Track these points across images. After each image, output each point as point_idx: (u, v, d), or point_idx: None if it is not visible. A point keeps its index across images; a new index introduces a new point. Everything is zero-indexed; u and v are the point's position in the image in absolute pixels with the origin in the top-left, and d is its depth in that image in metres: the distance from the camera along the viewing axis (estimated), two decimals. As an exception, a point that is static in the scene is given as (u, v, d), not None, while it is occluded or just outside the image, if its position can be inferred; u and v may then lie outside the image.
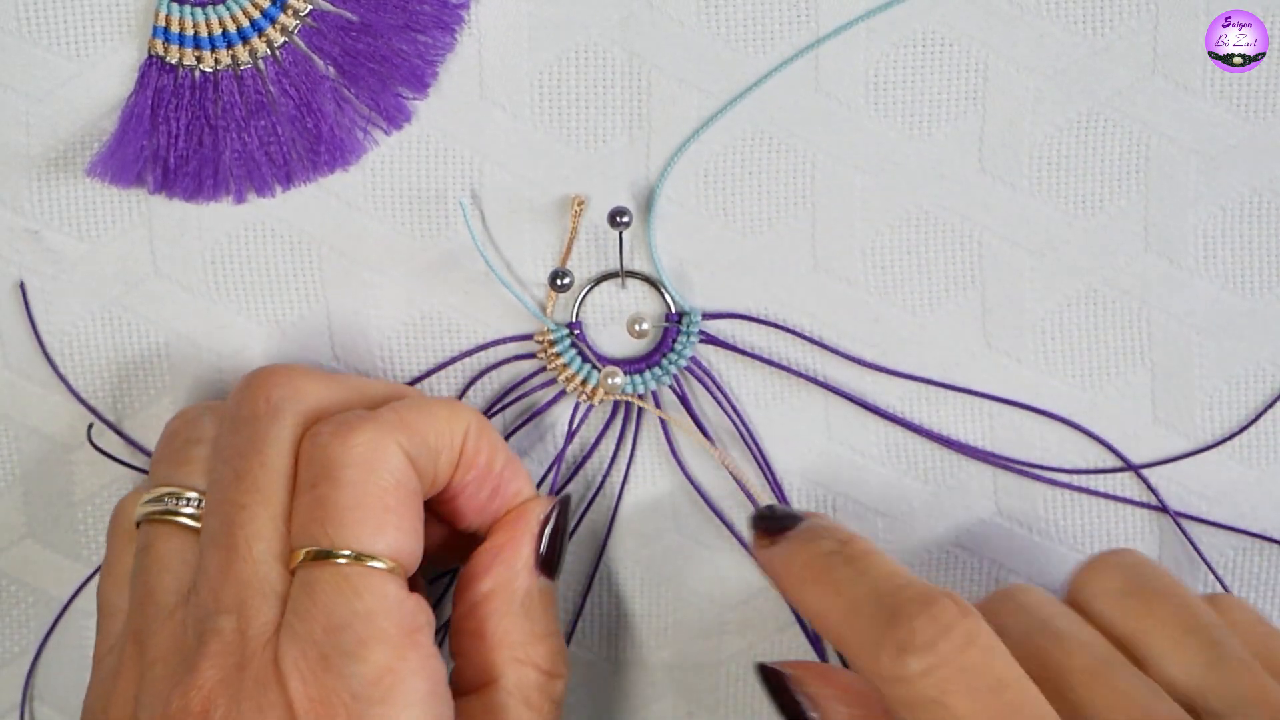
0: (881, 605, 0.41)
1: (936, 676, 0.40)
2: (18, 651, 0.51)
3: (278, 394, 0.44)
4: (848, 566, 0.43)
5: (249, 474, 0.43)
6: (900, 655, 0.40)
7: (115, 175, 0.46)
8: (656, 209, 0.48)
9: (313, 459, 0.43)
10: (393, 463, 0.43)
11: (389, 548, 0.42)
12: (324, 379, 0.45)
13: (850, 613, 0.42)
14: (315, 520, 0.42)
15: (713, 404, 0.49)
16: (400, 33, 0.46)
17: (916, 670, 0.40)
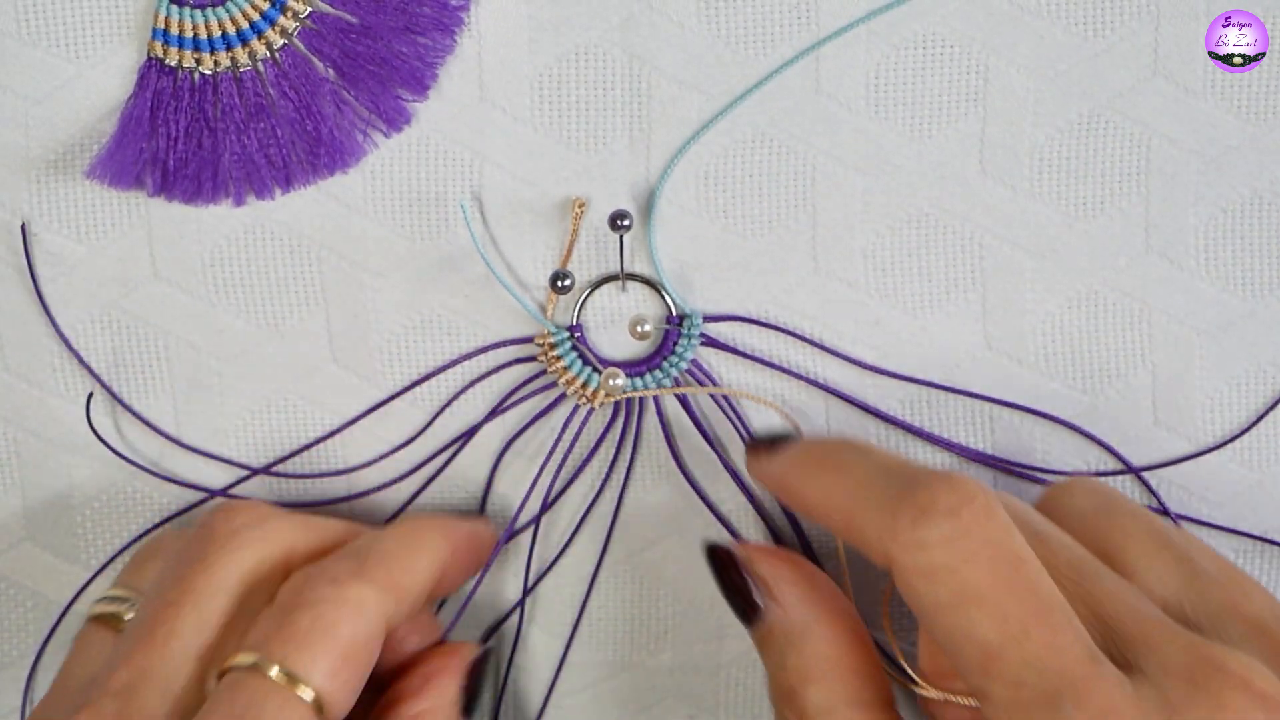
0: (898, 477, 0.41)
1: (958, 545, 0.39)
2: (16, 655, 0.51)
3: (242, 521, 0.45)
4: (856, 452, 0.43)
5: (190, 580, 0.43)
6: (921, 518, 0.39)
7: (114, 177, 0.46)
8: (657, 211, 0.48)
9: (297, 590, 0.43)
10: (372, 623, 0.43)
11: (331, 688, 0.42)
12: (294, 522, 0.45)
13: (862, 486, 0.41)
14: (276, 636, 0.42)
15: (713, 406, 0.49)
16: (400, 35, 0.46)
17: (937, 536, 0.39)
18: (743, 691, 0.52)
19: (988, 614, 0.39)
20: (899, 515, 0.40)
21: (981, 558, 0.39)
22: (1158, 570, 0.42)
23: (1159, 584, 0.42)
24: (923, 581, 0.40)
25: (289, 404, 0.49)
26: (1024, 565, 0.39)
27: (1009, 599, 0.39)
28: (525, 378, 0.49)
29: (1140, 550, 0.43)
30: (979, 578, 0.39)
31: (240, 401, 0.49)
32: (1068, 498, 0.45)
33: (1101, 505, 0.45)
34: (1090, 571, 0.41)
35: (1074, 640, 0.38)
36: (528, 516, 0.50)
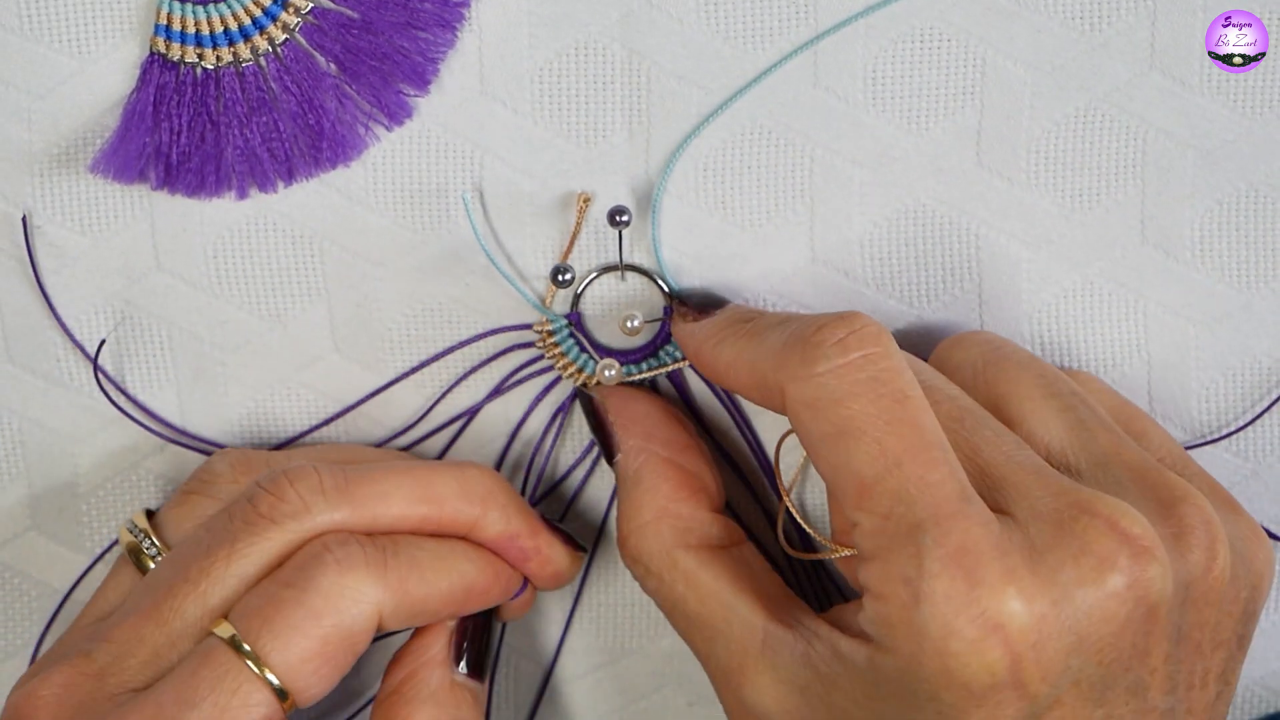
0: (791, 324, 0.42)
1: (844, 377, 0.40)
2: (20, 644, 0.51)
3: (279, 509, 0.44)
4: (770, 318, 0.44)
5: (216, 561, 0.43)
6: (813, 352, 0.40)
7: (118, 172, 0.46)
8: (657, 204, 0.48)
9: (302, 567, 0.43)
10: (361, 621, 0.43)
11: (299, 678, 0.42)
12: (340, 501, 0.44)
13: (767, 347, 0.42)
14: (259, 613, 0.42)
15: (709, 394, 0.50)
16: (401, 30, 0.46)
17: (825, 367, 0.40)
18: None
19: (865, 445, 0.39)
20: (792, 352, 0.41)
21: (865, 390, 0.40)
22: (1043, 417, 0.43)
23: (1044, 431, 0.43)
24: (808, 413, 0.40)
25: (292, 393, 0.50)
26: (908, 401, 0.40)
27: (887, 432, 0.39)
28: (524, 362, 0.49)
29: (1027, 398, 0.44)
30: (860, 409, 0.40)
31: (244, 391, 0.49)
32: (959, 350, 0.46)
33: (991, 356, 0.45)
34: (971, 421, 0.42)
35: (947, 477, 0.39)
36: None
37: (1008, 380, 0.44)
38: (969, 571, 0.38)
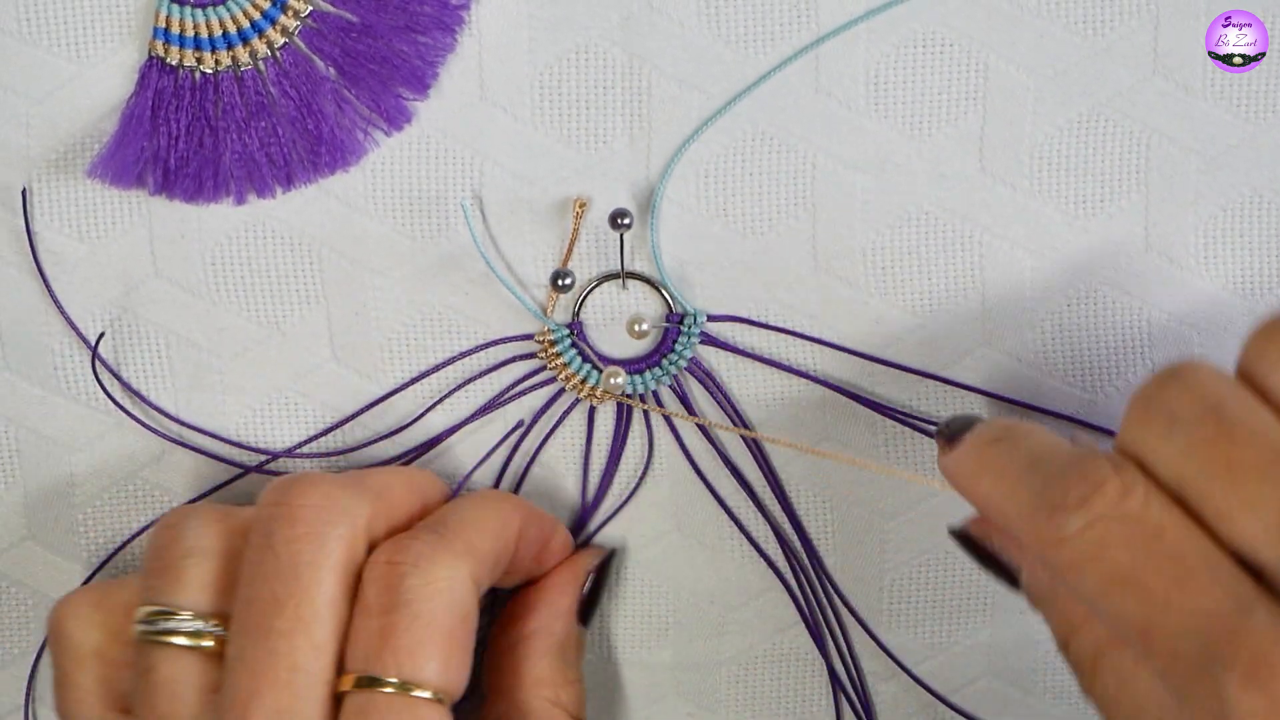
0: (1037, 474, 0.40)
1: (1094, 532, 0.38)
2: (17, 653, 0.51)
3: (320, 517, 0.43)
4: (1008, 447, 0.42)
5: (290, 601, 0.42)
6: (1055, 516, 0.39)
7: (116, 177, 0.46)
8: (657, 209, 0.48)
9: (388, 586, 0.43)
10: (465, 598, 0.43)
11: (448, 682, 0.42)
12: (357, 491, 0.44)
13: (1013, 489, 0.41)
14: (385, 647, 0.42)
15: (713, 404, 0.49)
16: (400, 34, 0.46)
17: (1073, 529, 0.39)
18: (742, 689, 0.52)
19: (1131, 593, 0.38)
20: (1038, 513, 0.39)
21: (1119, 539, 0.38)
22: None
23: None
24: (1073, 575, 0.39)
25: (290, 402, 0.49)
26: (1164, 534, 0.38)
27: (1149, 574, 0.38)
28: (526, 373, 0.49)
29: None
30: (1118, 559, 0.38)
31: (242, 399, 0.49)
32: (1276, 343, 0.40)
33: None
34: (1275, 468, 0.38)
35: (1221, 597, 0.37)
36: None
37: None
38: (1270, 683, 0.36)
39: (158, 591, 0.44)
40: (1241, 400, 0.38)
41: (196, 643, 0.43)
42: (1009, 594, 0.50)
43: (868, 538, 0.51)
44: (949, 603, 0.51)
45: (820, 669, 0.52)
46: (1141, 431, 0.39)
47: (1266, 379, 0.39)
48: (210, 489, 0.50)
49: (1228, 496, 0.38)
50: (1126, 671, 0.42)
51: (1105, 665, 0.42)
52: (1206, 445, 0.38)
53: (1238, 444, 0.38)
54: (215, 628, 0.44)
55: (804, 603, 0.51)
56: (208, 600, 0.44)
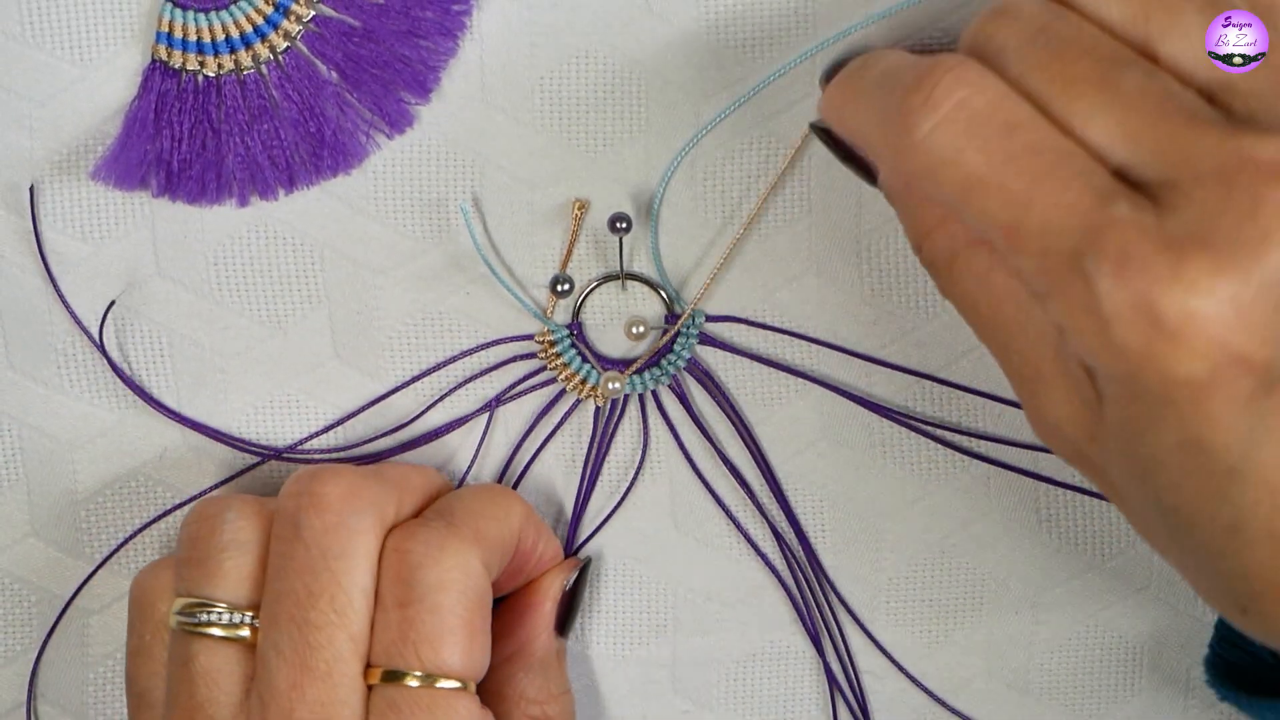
0: (889, 88, 0.40)
1: (945, 134, 0.38)
2: (19, 650, 0.51)
3: (349, 507, 0.43)
4: (862, 70, 0.42)
5: (325, 593, 0.42)
6: (909, 120, 0.38)
7: (119, 179, 0.47)
8: (657, 212, 0.48)
9: (402, 578, 0.43)
10: (479, 583, 0.44)
11: (471, 668, 0.43)
12: (379, 482, 0.45)
13: (868, 107, 0.41)
14: (406, 641, 0.42)
15: (711, 404, 0.50)
16: (403, 38, 0.46)
17: (923, 131, 0.38)
18: (739, 686, 0.52)
19: (993, 195, 0.37)
20: (893, 126, 0.39)
21: (968, 138, 0.38)
22: (1196, 42, 0.38)
23: (1202, 62, 0.38)
24: (930, 183, 0.38)
25: (292, 400, 0.50)
26: (1016, 129, 0.37)
27: (1008, 173, 0.37)
28: (525, 373, 0.50)
29: (1180, 21, 0.39)
30: (975, 161, 0.37)
31: (244, 398, 0.49)
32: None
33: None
34: (1112, 76, 0.38)
35: (1081, 190, 0.36)
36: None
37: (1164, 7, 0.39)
38: (1141, 276, 0.35)
39: (196, 583, 0.45)
40: (1066, 19, 0.39)
41: (234, 633, 0.44)
42: (1005, 593, 0.51)
43: (864, 537, 0.51)
44: (945, 602, 0.51)
45: (817, 667, 0.52)
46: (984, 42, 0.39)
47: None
48: (211, 486, 0.50)
49: (1072, 105, 0.38)
50: (982, 270, 0.41)
51: (961, 266, 0.41)
52: (1041, 67, 0.38)
53: (1069, 60, 0.38)
54: (253, 619, 0.44)
55: (800, 601, 0.51)
56: (246, 593, 0.44)
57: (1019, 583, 0.51)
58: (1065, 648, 0.52)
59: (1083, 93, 0.38)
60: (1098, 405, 0.38)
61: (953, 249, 0.41)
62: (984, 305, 0.41)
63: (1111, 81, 0.37)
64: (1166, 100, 0.37)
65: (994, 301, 0.40)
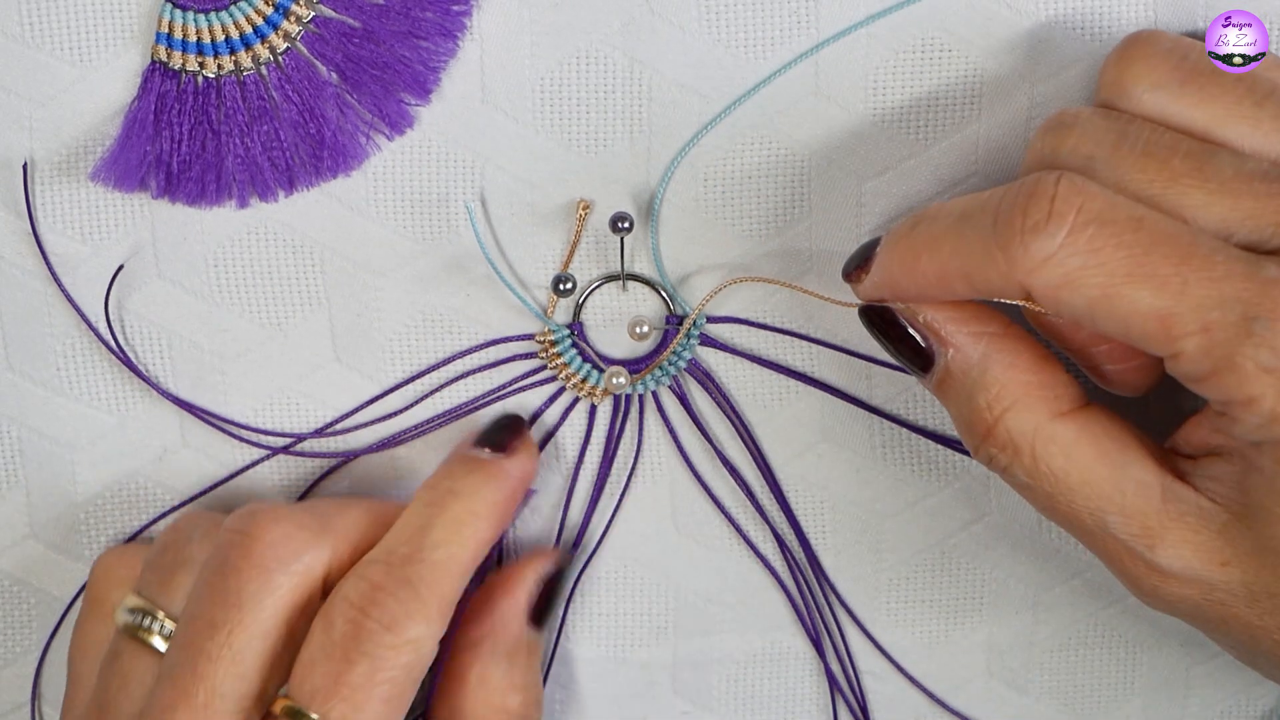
0: (979, 221, 0.40)
1: (1078, 241, 0.38)
2: (20, 651, 0.51)
3: (271, 553, 0.44)
4: (929, 222, 0.42)
5: (224, 628, 0.43)
6: (1024, 244, 0.39)
7: (119, 180, 0.47)
8: (657, 212, 0.48)
9: (356, 634, 0.43)
10: (426, 658, 0.44)
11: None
12: (317, 533, 0.45)
13: (956, 247, 0.40)
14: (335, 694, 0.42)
15: (712, 404, 0.50)
16: (403, 39, 0.46)
17: (1051, 248, 0.39)
18: (739, 687, 0.52)
19: (1141, 285, 0.38)
20: (1010, 246, 0.39)
21: (1102, 242, 0.38)
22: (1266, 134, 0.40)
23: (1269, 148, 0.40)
24: (1068, 292, 0.39)
25: (292, 402, 0.50)
26: (1144, 221, 0.38)
27: (1153, 261, 0.38)
28: (526, 372, 0.50)
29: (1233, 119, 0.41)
30: (1116, 258, 0.38)
31: (244, 400, 0.49)
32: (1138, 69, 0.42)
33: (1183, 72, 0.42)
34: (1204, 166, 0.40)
35: (1229, 262, 0.38)
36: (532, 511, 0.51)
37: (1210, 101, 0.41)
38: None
39: (150, 588, 0.45)
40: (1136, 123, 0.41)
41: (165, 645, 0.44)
42: (1005, 593, 0.51)
43: (864, 537, 0.51)
44: (945, 602, 0.51)
45: (817, 668, 0.52)
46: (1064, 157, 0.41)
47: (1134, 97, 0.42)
48: (211, 485, 0.50)
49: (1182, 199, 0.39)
50: (1068, 439, 0.41)
51: (1043, 443, 0.41)
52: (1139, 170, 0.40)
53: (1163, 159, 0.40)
54: None
55: (800, 602, 0.51)
56: None
57: (1019, 583, 0.51)
58: (1065, 648, 0.52)
59: (1188, 187, 0.39)
60: (1231, 525, 0.39)
61: (1033, 426, 0.42)
62: (1075, 478, 0.41)
63: (1209, 172, 0.39)
64: (1264, 178, 0.39)
65: (1084, 469, 0.41)
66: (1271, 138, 0.40)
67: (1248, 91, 0.41)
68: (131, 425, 0.50)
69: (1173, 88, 0.41)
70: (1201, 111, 0.41)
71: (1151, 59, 0.42)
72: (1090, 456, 0.41)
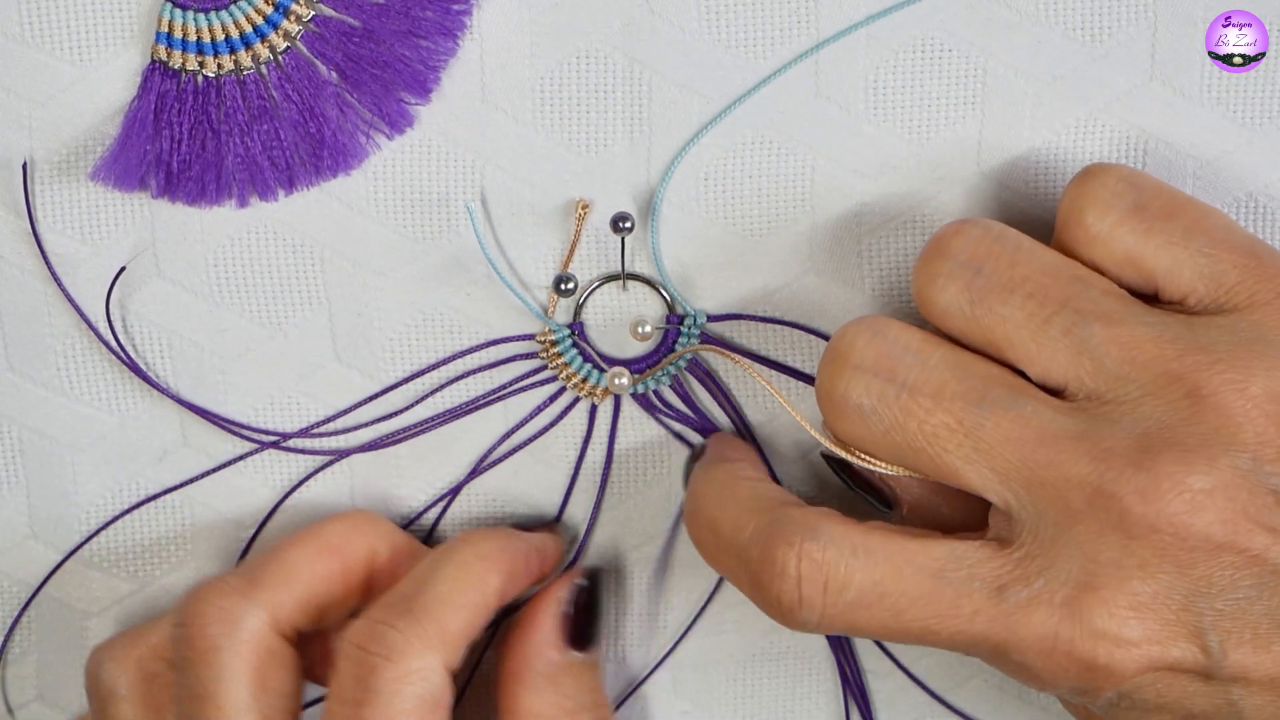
0: (741, 558, 0.42)
1: (829, 618, 0.41)
2: (20, 653, 0.51)
3: (214, 633, 0.44)
4: (703, 514, 0.45)
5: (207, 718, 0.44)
6: (787, 619, 0.41)
7: (119, 180, 0.47)
8: (657, 212, 0.48)
9: (359, 676, 0.43)
10: (438, 686, 0.44)
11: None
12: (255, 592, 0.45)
13: (728, 563, 0.43)
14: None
15: (714, 403, 0.50)
16: (403, 38, 0.46)
17: (812, 624, 0.41)
18: (738, 687, 0.52)
19: (905, 639, 0.41)
20: (774, 617, 0.42)
21: (856, 613, 0.41)
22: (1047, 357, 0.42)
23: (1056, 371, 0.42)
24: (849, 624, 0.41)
25: (292, 402, 0.50)
26: (883, 584, 0.41)
27: (902, 623, 0.41)
28: (526, 372, 0.50)
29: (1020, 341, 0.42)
30: (869, 627, 0.41)
31: (244, 400, 0.49)
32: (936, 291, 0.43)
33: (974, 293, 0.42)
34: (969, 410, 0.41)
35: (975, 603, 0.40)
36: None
37: (999, 322, 0.42)
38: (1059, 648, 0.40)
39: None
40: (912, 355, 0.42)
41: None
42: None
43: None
44: (945, 602, 0.51)
45: (815, 667, 0.52)
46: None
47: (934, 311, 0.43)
48: (199, 474, 0.50)
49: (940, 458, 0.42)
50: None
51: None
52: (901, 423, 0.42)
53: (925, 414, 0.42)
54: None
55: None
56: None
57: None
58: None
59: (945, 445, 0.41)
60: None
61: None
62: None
63: (967, 424, 0.41)
64: (1024, 430, 0.41)
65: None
66: (1058, 359, 0.41)
67: (1037, 308, 0.42)
68: (131, 425, 0.50)
69: (964, 308, 0.42)
70: (992, 336, 0.42)
71: (944, 276, 0.43)
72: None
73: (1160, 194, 0.43)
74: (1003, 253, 0.42)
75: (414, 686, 0.43)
